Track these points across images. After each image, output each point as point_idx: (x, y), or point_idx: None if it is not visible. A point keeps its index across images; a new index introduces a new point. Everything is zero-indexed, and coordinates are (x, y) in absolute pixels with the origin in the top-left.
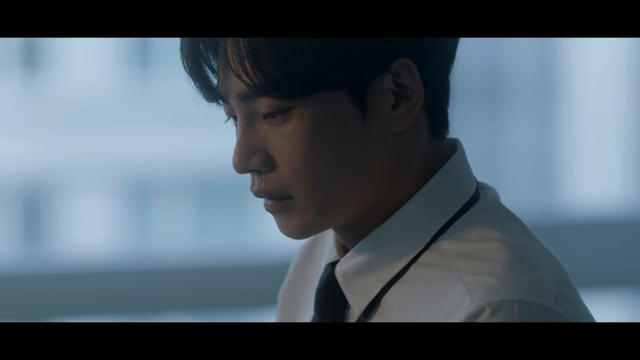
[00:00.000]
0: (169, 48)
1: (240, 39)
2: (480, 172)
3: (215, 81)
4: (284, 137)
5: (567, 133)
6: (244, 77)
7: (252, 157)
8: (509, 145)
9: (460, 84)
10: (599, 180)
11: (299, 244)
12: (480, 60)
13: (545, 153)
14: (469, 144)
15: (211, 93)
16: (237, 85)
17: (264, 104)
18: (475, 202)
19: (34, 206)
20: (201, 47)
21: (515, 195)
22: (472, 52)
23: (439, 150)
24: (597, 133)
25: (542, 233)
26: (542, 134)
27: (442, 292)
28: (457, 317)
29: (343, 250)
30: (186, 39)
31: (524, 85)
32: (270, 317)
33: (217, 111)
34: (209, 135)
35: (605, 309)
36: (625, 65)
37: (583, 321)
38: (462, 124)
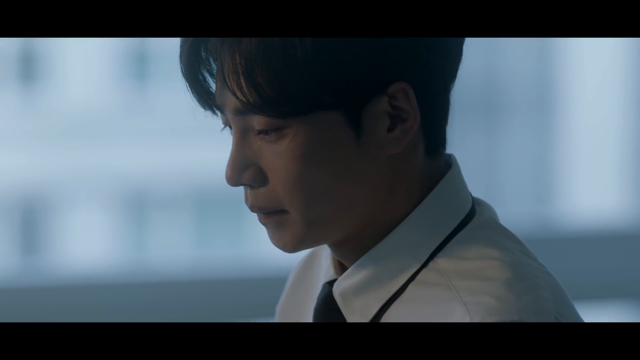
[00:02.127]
0: (167, 61)
1: (237, 55)
2: (478, 184)
3: (213, 88)
4: (277, 155)
5: (565, 146)
6: (239, 94)
7: (244, 172)
8: (507, 158)
9: (457, 97)
10: (596, 193)
11: (296, 256)
12: (477, 73)
13: (542, 166)
14: (466, 157)
15: (208, 102)
16: (232, 101)
17: (258, 121)
18: (472, 218)
19: (31, 219)
20: (202, 53)
21: (513, 207)
22: (469, 65)
23: (435, 168)
24: (594, 146)
25: (539, 245)
26: (540, 146)
27: (441, 312)
28: None
29: (340, 268)
30: (185, 45)
31: (522, 99)
32: None
33: (214, 124)
34: (207, 148)
35: (603, 321)
36: (622, 78)
37: None
38: (459, 137)
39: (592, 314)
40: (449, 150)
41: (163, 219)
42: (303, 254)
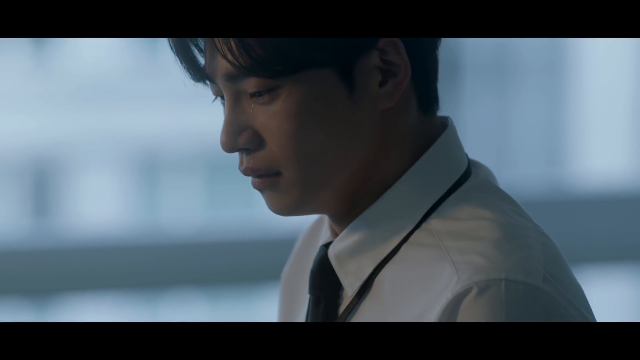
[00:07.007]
0: None
1: None
2: (489, 147)
3: (202, 61)
4: (272, 116)
5: (576, 108)
6: (230, 57)
7: (240, 136)
8: (518, 121)
9: (469, 60)
10: (607, 155)
11: (307, 219)
12: None
13: (554, 128)
14: (478, 119)
15: (198, 73)
16: (223, 65)
17: (250, 83)
18: (467, 179)
19: (43, 181)
20: None
21: (524, 170)
22: None
23: (429, 128)
24: (606, 108)
25: (550, 208)
26: (551, 109)
27: (431, 272)
28: (445, 297)
29: (336, 230)
30: None
31: (533, 61)
32: (278, 292)
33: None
34: (218, 110)
35: (614, 284)
36: (634, 40)
37: (572, 299)
38: (471, 100)
39: (601, 277)
40: (461, 112)
41: (175, 181)
42: (313, 218)
